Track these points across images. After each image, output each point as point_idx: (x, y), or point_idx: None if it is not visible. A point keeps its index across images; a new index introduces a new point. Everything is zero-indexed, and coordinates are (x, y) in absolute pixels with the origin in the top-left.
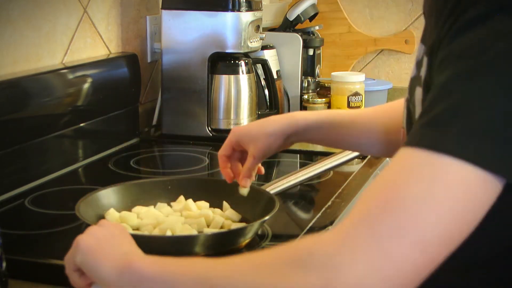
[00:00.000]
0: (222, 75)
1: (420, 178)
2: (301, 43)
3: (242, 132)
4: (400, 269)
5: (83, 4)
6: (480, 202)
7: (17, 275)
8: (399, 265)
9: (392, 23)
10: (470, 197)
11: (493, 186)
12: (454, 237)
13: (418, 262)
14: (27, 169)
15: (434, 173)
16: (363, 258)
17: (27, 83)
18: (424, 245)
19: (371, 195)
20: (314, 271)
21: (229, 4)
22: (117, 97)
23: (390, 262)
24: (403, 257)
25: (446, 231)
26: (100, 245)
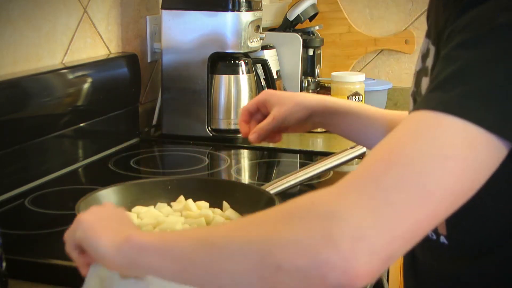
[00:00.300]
0: (222, 75)
1: (425, 136)
2: (301, 43)
3: (273, 93)
4: (402, 222)
5: (83, 4)
6: (484, 163)
7: (17, 275)
8: (401, 217)
9: (392, 23)
10: (474, 156)
11: (497, 149)
12: (457, 195)
13: (420, 216)
14: (27, 169)
15: (439, 132)
16: (365, 208)
17: (27, 83)
18: (427, 199)
19: (377, 152)
20: (315, 220)
21: (229, 4)
22: (117, 97)
23: (393, 214)
24: (406, 209)
25: (449, 187)
26: (100, 222)
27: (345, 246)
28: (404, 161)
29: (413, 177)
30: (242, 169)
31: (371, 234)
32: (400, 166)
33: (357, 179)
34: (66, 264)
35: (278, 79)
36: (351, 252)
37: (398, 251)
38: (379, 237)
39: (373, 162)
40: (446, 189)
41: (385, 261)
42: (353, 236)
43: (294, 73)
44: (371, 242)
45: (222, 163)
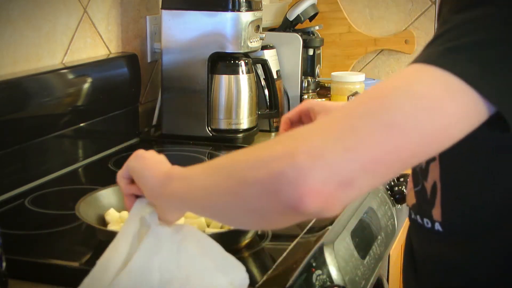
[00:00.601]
0: (222, 75)
1: (404, 78)
2: (301, 43)
3: (316, 102)
4: (365, 150)
5: (83, 4)
6: (460, 114)
7: (17, 275)
8: (365, 145)
9: (392, 23)
10: (449, 103)
11: (477, 105)
12: (427, 137)
13: (384, 148)
14: (27, 169)
15: (419, 76)
16: (332, 133)
17: (27, 83)
18: (393, 132)
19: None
20: (284, 141)
21: (229, 4)
22: (117, 97)
23: (357, 140)
24: (370, 139)
25: (419, 124)
26: (152, 159)
27: (302, 161)
28: (378, 95)
29: (383, 109)
30: None
31: (330, 154)
32: (373, 99)
33: (335, 112)
34: (66, 264)
35: (278, 79)
36: (306, 168)
37: (356, 180)
38: (338, 159)
39: (353, 100)
40: (415, 126)
41: (341, 186)
42: (312, 153)
43: (294, 73)
44: (329, 161)
45: None
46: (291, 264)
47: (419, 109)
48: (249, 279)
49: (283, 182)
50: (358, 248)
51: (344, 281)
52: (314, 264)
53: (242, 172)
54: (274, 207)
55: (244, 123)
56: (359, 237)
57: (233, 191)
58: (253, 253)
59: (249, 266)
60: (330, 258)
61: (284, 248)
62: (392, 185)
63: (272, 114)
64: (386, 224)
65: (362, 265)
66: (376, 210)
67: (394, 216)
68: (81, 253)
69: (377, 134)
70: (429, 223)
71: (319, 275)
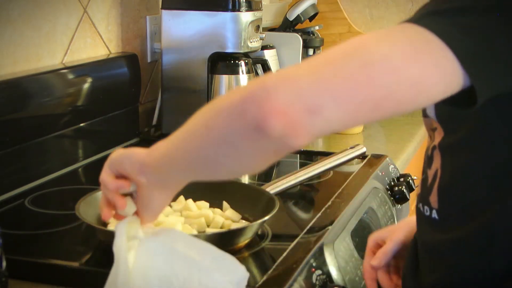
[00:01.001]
0: (222, 75)
1: (386, 33)
2: (301, 43)
3: (378, 234)
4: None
5: (83, 4)
6: (436, 72)
7: (17, 275)
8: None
9: (392, 23)
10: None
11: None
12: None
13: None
14: (27, 169)
15: (400, 31)
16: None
17: (27, 83)
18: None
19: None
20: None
21: (229, 4)
22: (117, 97)
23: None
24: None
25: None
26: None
27: (271, 83)
28: (361, 41)
29: (362, 50)
30: None
31: (302, 79)
32: (356, 43)
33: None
34: (66, 264)
35: None
36: (274, 87)
37: (324, 108)
38: (309, 84)
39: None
40: (390, 68)
41: (307, 111)
42: (284, 77)
43: None
44: (299, 84)
45: None
46: (291, 264)
47: (396, 54)
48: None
49: (250, 101)
50: (358, 248)
51: (344, 281)
52: (314, 264)
53: (217, 104)
54: (241, 130)
55: None
56: (359, 237)
57: (206, 124)
58: (253, 253)
59: (249, 266)
60: (330, 258)
61: (284, 248)
62: (392, 185)
63: None
64: (386, 224)
65: (362, 265)
66: (376, 210)
67: (394, 216)
68: (81, 253)
69: (351, 69)
70: (428, 211)
71: (319, 275)
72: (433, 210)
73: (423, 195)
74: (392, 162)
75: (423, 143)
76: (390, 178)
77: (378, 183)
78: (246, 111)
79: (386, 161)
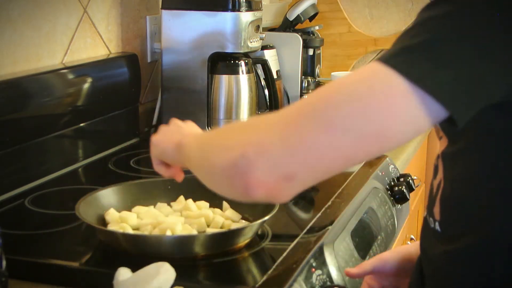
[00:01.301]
0: (222, 75)
1: (349, 78)
2: (301, 43)
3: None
4: (303, 144)
5: (83, 4)
6: (403, 114)
7: (17, 275)
8: (303, 140)
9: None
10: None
11: (425, 105)
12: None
13: (322, 143)
14: (27, 169)
15: (363, 75)
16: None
17: (27, 83)
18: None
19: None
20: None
21: (229, 4)
22: (117, 97)
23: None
24: (309, 134)
25: (354, 122)
26: (165, 135)
27: (249, 154)
28: (325, 95)
29: (325, 109)
30: None
31: (274, 150)
32: (320, 99)
33: (286, 110)
34: (66, 264)
35: (278, 79)
36: (252, 161)
37: (298, 175)
38: (280, 155)
39: (307, 96)
40: (351, 127)
41: (283, 179)
42: (259, 147)
43: (294, 73)
44: (272, 156)
45: None
46: (291, 264)
47: (356, 111)
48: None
49: (235, 171)
50: (358, 248)
51: (344, 281)
52: (314, 264)
53: (212, 155)
54: (232, 189)
55: None
56: (359, 237)
57: (206, 171)
58: (253, 253)
59: (249, 266)
60: (330, 258)
61: (284, 248)
62: (392, 185)
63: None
64: (386, 224)
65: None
66: (376, 210)
67: (394, 216)
68: (81, 253)
69: (317, 132)
70: (432, 223)
71: (319, 275)
72: (436, 222)
73: (429, 206)
74: (392, 162)
75: (423, 143)
76: (390, 178)
77: (378, 183)
78: (234, 178)
79: (386, 161)
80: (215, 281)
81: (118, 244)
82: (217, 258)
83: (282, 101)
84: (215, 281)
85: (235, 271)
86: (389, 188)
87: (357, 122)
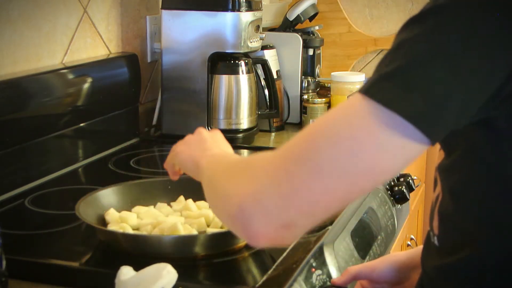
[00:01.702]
0: (222, 75)
1: (333, 116)
2: (301, 43)
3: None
4: (297, 192)
5: (83, 4)
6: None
7: (17, 275)
8: (297, 188)
9: (392, 23)
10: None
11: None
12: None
13: (315, 189)
14: (27, 169)
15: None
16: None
17: (27, 83)
18: (320, 174)
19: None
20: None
21: (229, 4)
22: (117, 97)
23: (289, 184)
24: (301, 181)
25: (341, 164)
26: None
27: (247, 206)
28: (310, 138)
29: (311, 154)
30: None
31: (269, 201)
32: (305, 142)
33: (280, 151)
34: (66, 264)
35: (278, 79)
36: (251, 213)
37: (296, 222)
38: (276, 205)
39: (295, 137)
40: (340, 169)
41: (282, 228)
42: (255, 198)
43: (294, 73)
44: (268, 208)
45: None
46: (291, 264)
47: (342, 153)
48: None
49: (236, 223)
50: (358, 248)
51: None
52: (314, 264)
53: (215, 197)
54: (238, 234)
55: (244, 123)
56: (359, 237)
57: (214, 209)
58: (253, 253)
59: (249, 266)
60: (330, 258)
61: (284, 248)
62: (392, 185)
63: (272, 114)
64: (386, 224)
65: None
66: (376, 210)
67: (394, 216)
68: (81, 253)
69: (308, 180)
70: (432, 237)
71: (319, 275)
72: (435, 236)
73: (430, 220)
74: None
75: None
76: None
77: None
78: (236, 229)
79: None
80: (215, 281)
81: (118, 244)
82: (217, 258)
83: (282, 101)
84: (215, 281)
85: (235, 271)
86: (389, 188)
87: (345, 165)
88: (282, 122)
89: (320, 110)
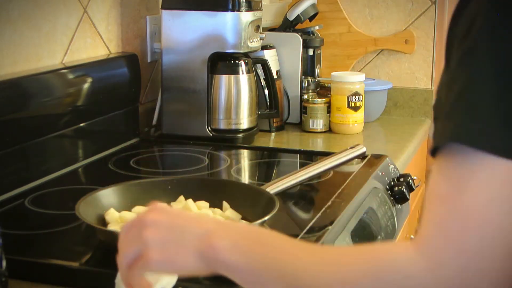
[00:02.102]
0: (222, 75)
1: (461, 184)
2: (301, 43)
3: None
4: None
5: (83, 4)
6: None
7: (17, 275)
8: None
9: (392, 23)
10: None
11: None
12: (505, 231)
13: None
14: (27, 169)
15: (473, 177)
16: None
17: (27, 83)
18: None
19: (431, 208)
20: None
21: (229, 4)
22: (117, 97)
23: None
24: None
25: (491, 229)
26: (173, 234)
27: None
28: (443, 219)
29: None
30: (242, 169)
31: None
32: (444, 222)
33: (423, 241)
34: (66, 264)
35: (278, 79)
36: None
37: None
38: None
39: (429, 222)
40: (488, 232)
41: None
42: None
43: (294, 73)
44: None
45: (222, 163)
46: None
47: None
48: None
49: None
50: None
51: None
52: None
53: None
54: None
55: (244, 123)
56: (359, 237)
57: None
58: None
59: None
60: None
61: None
62: (392, 185)
63: (272, 114)
64: (386, 224)
65: None
66: (376, 210)
67: (394, 216)
68: (81, 253)
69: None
70: None
71: None
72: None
73: None
74: (392, 162)
75: (423, 143)
76: (390, 178)
77: (378, 183)
78: None
79: (386, 161)
80: (215, 281)
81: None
82: None
83: (282, 101)
84: (215, 281)
85: None
86: (389, 188)
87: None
88: (282, 122)
89: (320, 110)
